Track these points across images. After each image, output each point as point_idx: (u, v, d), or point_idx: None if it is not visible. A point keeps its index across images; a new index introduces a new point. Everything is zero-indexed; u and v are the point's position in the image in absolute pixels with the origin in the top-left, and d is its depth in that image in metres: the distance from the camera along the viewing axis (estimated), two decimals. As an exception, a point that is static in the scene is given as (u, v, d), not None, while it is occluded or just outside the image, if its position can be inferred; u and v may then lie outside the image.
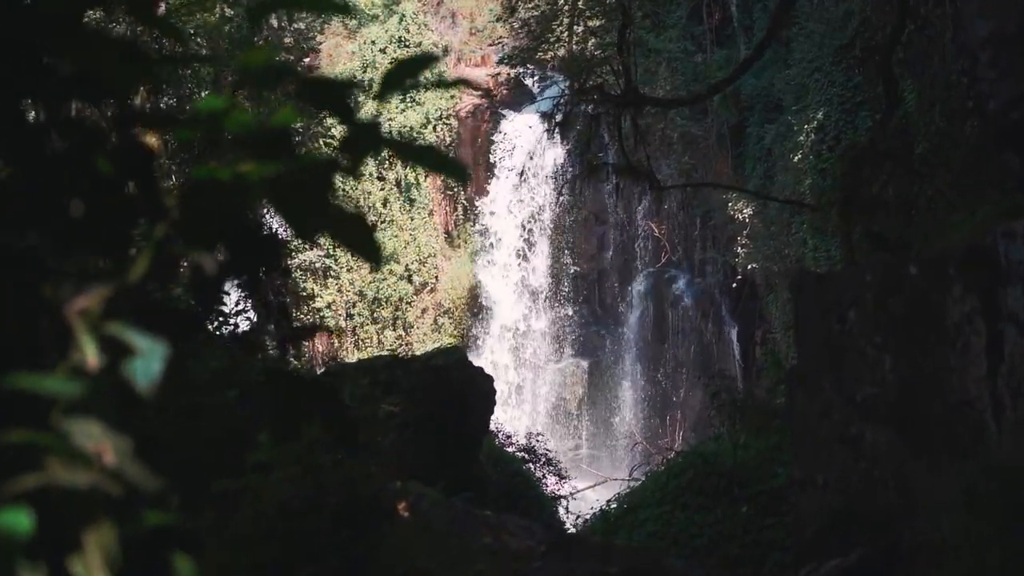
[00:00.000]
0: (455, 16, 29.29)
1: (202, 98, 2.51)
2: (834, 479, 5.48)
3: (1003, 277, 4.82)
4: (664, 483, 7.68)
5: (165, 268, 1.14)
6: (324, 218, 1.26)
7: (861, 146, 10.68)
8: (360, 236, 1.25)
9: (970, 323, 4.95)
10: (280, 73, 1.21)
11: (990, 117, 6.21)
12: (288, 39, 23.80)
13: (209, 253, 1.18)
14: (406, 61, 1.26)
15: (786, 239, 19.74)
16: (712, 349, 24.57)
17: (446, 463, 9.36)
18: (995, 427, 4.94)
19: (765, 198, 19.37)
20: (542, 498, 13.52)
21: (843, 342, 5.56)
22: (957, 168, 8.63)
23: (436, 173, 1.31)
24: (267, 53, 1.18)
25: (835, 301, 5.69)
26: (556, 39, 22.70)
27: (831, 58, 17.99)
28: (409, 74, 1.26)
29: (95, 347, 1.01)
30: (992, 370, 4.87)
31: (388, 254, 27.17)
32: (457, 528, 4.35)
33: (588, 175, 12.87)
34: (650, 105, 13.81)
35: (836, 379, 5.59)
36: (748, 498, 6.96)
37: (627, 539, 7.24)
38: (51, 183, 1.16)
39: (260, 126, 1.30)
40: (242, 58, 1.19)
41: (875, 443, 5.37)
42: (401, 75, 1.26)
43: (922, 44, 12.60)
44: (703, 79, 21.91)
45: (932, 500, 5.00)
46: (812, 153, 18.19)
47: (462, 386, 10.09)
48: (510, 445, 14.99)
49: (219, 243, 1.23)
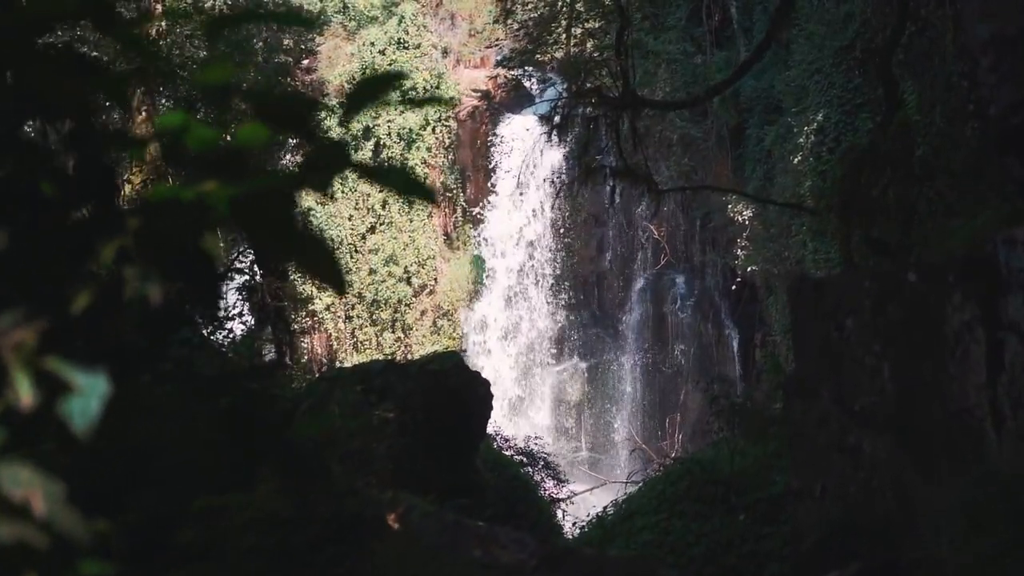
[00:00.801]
0: (454, 18, 29.24)
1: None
2: (832, 488, 5.41)
3: (1003, 285, 4.75)
4: (661, 490, 7.62)
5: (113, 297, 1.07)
6: (287, 243, 1.19)
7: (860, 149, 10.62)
8: (323, 263, 1.19)
9: (970, 331, 4.88)
10: (237, 90, 1.14)
11: (991, 121, 6.14)
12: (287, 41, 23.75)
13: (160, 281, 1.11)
14: (371, 79, 1.19)
15: (786, 241, 19.68)
16: (712, 352, 24.51)
17: (442, 469, 9.29)
18: (995, 436, 4.88)
19: (763, 201, 19.33)
20: (540, 502, 13.46)
21: (841, 349, 5.50)
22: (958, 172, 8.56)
23: (404, 195, 1.24)
24: (225, 69, 1.11)
25: (833, 308, 5.63)
26: (554, 41, 22.63)
27: (831, 60, 17.92)
28: (374, 92, 1.20)
29: (29, 384, 0.95)
30: (992, 379, 4.80)
31: (387, 256, 27.09)
32: (447, 541, 4.27)
33: (586, 178, 12.81)
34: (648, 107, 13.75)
35: (834, 387, 5.52)
36: (746, 506, 6.89)
37: (624, 547, 7.18)
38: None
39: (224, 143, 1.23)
40: (198, 74, 1.13)
41: (874, 452, 5.30)
42: (366, 93, 1.20)
43: (923, 46, 12.54)
44: (703, 81, 21.85)
45: (932, 511, 4.94)
46: (812, 155, 18.12)
47: (459, 390, 10.03)
48: (508, 449, 14.93)
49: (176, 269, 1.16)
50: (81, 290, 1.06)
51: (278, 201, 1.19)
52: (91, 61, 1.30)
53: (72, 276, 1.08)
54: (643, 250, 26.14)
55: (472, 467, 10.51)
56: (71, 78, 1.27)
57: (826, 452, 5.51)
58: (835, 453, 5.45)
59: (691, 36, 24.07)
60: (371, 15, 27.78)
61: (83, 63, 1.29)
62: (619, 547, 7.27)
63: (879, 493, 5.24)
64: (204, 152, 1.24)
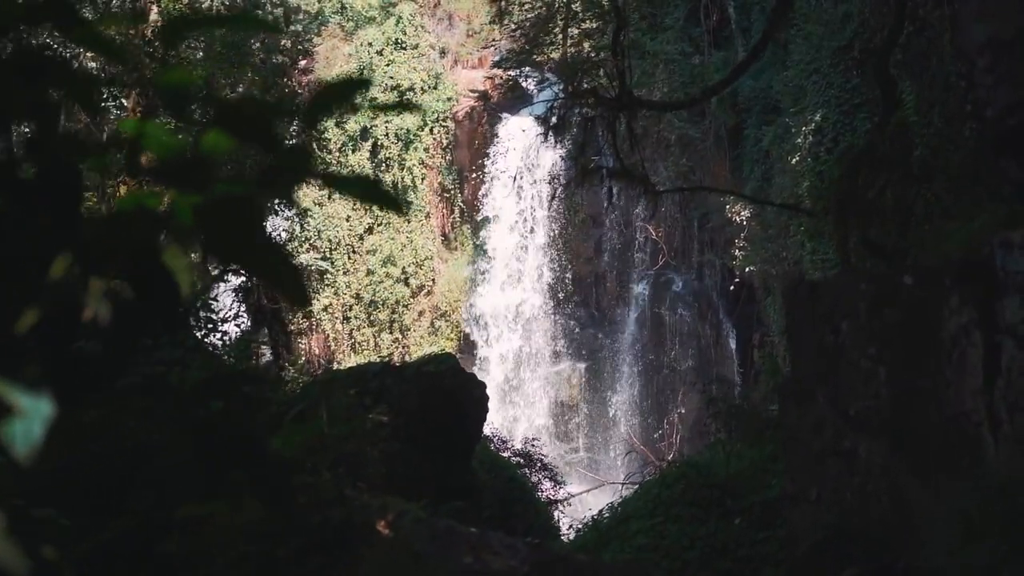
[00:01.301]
0: (452, 18, 29.19)
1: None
2: (827, 494, 5.37)
3: (1000, 288, 4.71)
4: (657, 494, 7.57)
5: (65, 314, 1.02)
6: (249, 255, 1.14)
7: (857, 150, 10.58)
8: (285, 276, 1.14)
9: (966, 335, 4.84)
10: (196, 96, 1.09)
11: (988, 123, 6.10)
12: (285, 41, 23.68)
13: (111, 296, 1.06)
14: (336, 84, 1.15)
15: (784, 242, 19.64)
16: (710, 352, 24.47)
17: (438, 472, 9.25)
18: (992, 441, 4.83)
19: (760, 202, 19.29)
20: (537, 504, 13.41)
21: (837, 353, 5.45)
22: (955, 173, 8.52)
23: (371, 205, 1.20)
24: (184, 73, 1.06)
25: (829, 311, 5.58)
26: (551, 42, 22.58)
27: (829, 60, 17.88)
28: (339, 98, 1.15)
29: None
30: (989, 383, 4.75)
31: (385, 257, 27.05)
32: (438, 548, 4.22)
33: (582, 180, 12.76)
34: (645, 108, 13.70)
35: (829, 391, 5.48)
36: (742, 510, 6.85)
37: (619, 551, 7.13)
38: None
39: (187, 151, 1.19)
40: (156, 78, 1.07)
41: (869, 457, 5.25)
42: (330, 98, 1.15)
43: (921, 46, 12.49)
44: (701, 81, 21.81)
45: (928, 516, 4.89)
46: (810, 155, 18.08)
47: (454, 393, 9.98)
48: (506, 450, 14.90)
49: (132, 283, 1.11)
50: (30, 306, 1.02)
51: (241, 210, 1.15)
52: (56, 63, 1.25)
53: (21, 291, 1.03)
54: (641, 250, 26.10)
55: (468, 469, 10.47)
56: (33, 81, 1.23)
57: (821, 456, 5.46)
58: (830, 457, 5.40)
59: (689, 36, 24.03)
60: (369, 15, 27.72)
61: (44, 66, 1.24)
62: (614, 551, 7.22)
63: (875, 498, 5.20)
64: (167, 160, 1.20)
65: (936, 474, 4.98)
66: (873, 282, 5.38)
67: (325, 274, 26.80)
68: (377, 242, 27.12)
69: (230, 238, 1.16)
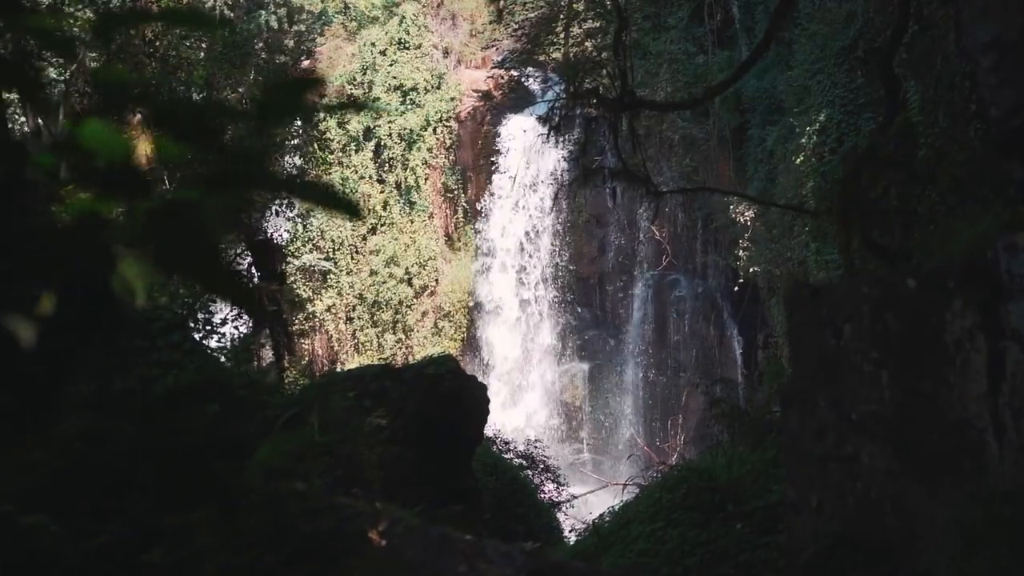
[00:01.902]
0: (455, 18, 29.13)
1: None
2: (829, 500, 5.28)
3: (1005, 292, 4.62)
4: (658, 498, 7.49)
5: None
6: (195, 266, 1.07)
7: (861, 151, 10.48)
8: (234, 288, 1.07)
9: (970, 339, 4.74)
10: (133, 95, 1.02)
11: (992, 123, 6.01)
12: (289, 41, 23.65)
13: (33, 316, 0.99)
14: (284, 84, 1.07)
15: (788, 243, 19.53)
16: (714, 353, 24.37)
17: (437, 474, 9.18)
18: (996, 447, 4.74)
19: (764, 203, 19.19)
20: (539, 506, 13.35)
21: (839, 357, 5.36)
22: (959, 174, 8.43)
23: (327, 210, 1.13)
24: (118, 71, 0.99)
25: (831, 314, 5.49)
26: (553, 42, 22.52)
27: (833, 60, 17.77)
28: (288, 99, 1.07)
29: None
30: (993, 388, 4.66)
31: (388, 257, 26.98)
32: (431, 556, 4.15)
33: (584, 180, 12.68)
34: (647, 108, 13.62)
35: (831, 396, 5.39)
36: (743, 515, 6.77)
37: (619, 556, 7.06)
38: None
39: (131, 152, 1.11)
40: (94, 73, 1.01)
41: (872, 462, 5.16)
42: (279, 99, 1.07)
43: (925, 46, 12.39)
44: (704, 81, 21.71)
45: (931, 523, 4.81)
46: (814, 155, 17.98)
47: (454, 395, 9.90)
48: (508, 452, 14.83)
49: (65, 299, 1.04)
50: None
51: (187, 221, 1.08)
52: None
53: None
54: (644, 251, 26.01)
55: (468, 472, 10.39)
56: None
57: (823, 462, 5.38)
58: (832, 463, 5.32)
59: (693, 36, 23.94)
60: (372, 15, 27.67)
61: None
62: (614, 556, 7.15)
63: (877, 504, 5.11)
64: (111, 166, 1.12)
65: (940, 480, 4.89)
66: (876, 285, 5.29)
67: (328, 274, 26.76)
68: (380, 242, 27.05)
69: (177, 249, 1.09)
